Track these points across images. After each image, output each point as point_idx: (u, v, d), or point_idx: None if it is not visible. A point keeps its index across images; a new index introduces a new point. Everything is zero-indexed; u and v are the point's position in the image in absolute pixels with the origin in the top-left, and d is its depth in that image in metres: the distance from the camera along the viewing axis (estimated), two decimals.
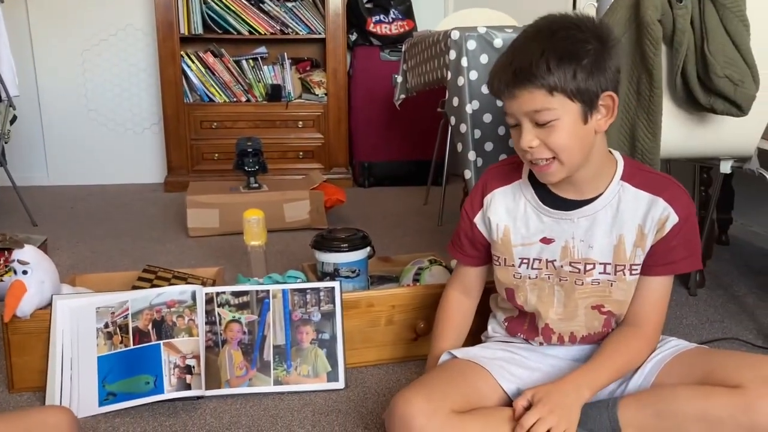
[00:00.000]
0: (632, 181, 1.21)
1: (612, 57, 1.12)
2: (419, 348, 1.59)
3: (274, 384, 1.46)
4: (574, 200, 1.22)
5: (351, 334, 1.54)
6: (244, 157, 2.91)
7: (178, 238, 2.76)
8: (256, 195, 2.85)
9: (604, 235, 1.21)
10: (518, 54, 1.11)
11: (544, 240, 1.25)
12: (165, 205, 3.41)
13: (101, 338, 1.43)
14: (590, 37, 1.10)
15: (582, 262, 1.23)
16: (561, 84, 1.08)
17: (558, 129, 1.12)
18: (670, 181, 1.21)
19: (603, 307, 1.25)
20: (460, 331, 1.39)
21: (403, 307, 1.58)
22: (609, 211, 1.21)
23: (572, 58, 1.08)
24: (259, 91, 3.80)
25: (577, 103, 1.11)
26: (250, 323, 1.49)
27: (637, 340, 1.22)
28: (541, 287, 1.27)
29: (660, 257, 1.20)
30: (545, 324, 1.28)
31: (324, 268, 1.77)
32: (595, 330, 1.27)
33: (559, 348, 1.30)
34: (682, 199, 1.19)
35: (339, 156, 3.87)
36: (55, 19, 3.77)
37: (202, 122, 3.72)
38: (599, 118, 1.14)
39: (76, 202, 3.48)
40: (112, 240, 2.74)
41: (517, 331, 1.33)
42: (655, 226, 1.19)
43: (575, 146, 1.13)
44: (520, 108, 1.13)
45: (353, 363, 1.55)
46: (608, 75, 1.11)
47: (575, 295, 1.25)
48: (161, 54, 3.62)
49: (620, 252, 1.21)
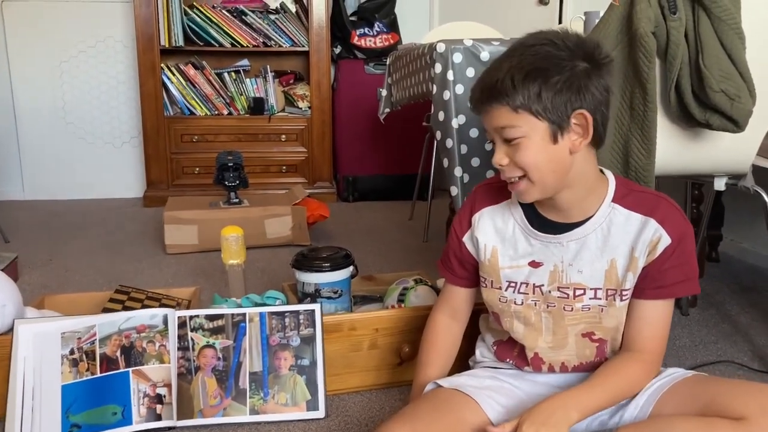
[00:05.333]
0: (624, 203, 1.15)
1: (595, 76, 1.06)
2: (404, 373, 1.52)
3: (250, 413, 1.38)
4: (563, 223, 1.17)
5: (332, 359, 1.47)
6: (224, 172, 2.84)
7: (156, 255, 2.67)
8: (237, 211, 2.77)
9: (594, 259, 1.15)
10: (490, 70, 1.09)
11: (532, 263, 1.19)
12: (143, 220, 3.32)
13: (66, 365, 1.34)
14: (568, 54, 1.05)
15: (571, 287, 1.17)
16: (524, 101, 1.04)
17: (524, 147, 1.07)
18: (662, 201, 1.15)
19: (594, 335, 1.19)
20: (447, 358, 1.32)
21: (388, 331, 1.51)
22: (599, 234, 1.15)
23: (538, 76, 1.03)
24: (241, 104, 3.73)
25: (544, 121, 1.06)
26: (225, 349, 1.41)
27: (634, 366, 1.15)
28: (527, 315, 1.21)
29: (651, 280, 1.14)
30: (534, 353, 1.22)
31: (304, 289, 1.70)
32: (587, 359, 1.21)
33: (551, 375, 1.24)
34: (676, 219, 1.13)
35: (323, 170, 3.81)
36: (33, 29, 3.69)
37: (183, 136, 3.65)
38: (574, 139, 1.08)
39: (51, 218, 3.39)
40: (87, 257, 2.65)
41: (506, 356, 1.27)
42: (646, 248, 1.13)
43: (544, 166, 1.09)
44: (490, 124, 1.10)
45: (334, 390, 1.48)
46: (586, 95, 1.05)
47: (564, 322, 1.19)
48: (141, 66, 3.54)
49: (612, 276, 1.15)
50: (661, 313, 1.17)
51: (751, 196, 1.62)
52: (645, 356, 1.16)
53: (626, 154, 1.46)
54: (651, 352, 1.16)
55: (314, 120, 3.74)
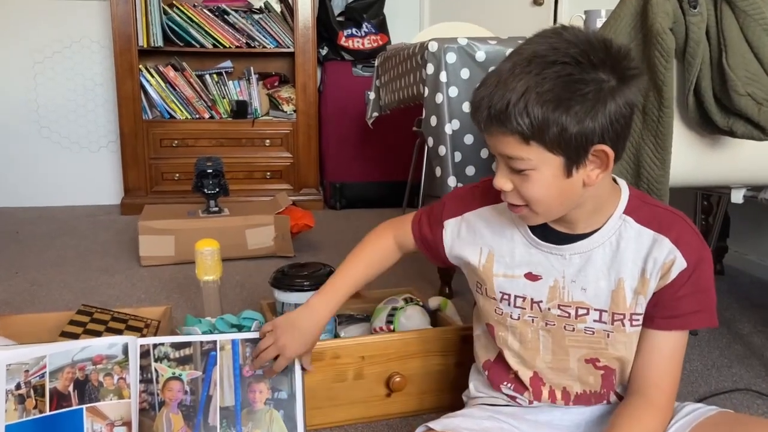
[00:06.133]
0: (636, 216, 1.01)
1: (620, 94, 0.89)
2: (393, 405, 1.38)
3: None
4: (567, 234, 1.03)
5: (314, 391, 1.32)
6: (203, 179, 2.69)
7: (130, 267, 2.51)
8: (216, 220, 2.62)
9: (600, 277, 1.02)
10: (500, 87, 0.90)
11: (529, 276, 1.06)
12: (119, 229, 3.16)
13: (11, 402, 1.18)
14: (592, 73, 0.88)
15: (573, 306, 1.04)
16: (539, 134, 0.89)
17: (533, 180, 0.93)
18: (679, 219, 1.02)
19: (598, 362, 1.06)
20: (373, 274, 1.26)
21: (375, 359, 1.36)
22: (607, 249, 1.02)
23: (558, 106, 0.87)
24: (223, 108, 3.58)
25: (559, 156, 0.91)
26: (192, 381, 1.25)
27: (648, 415, 1.01)
28: (523, 332, 1.09)
29: (664, 308, 1.01)
30: (534, 373, 1.09)
31: (284, 309, 1.56)
32: (591, 388, 1.08)
33: (553, 412, 1.11)
34: (693, 241, 1.00)
35: (309, 176, 3.66)
36: (4, 28, 3.52)
37: (162, 140, 3.49)
38: (590, 171, 0.94)
39: (22, 226, 3.22)
40: (55, 270, 2.48)
41: (501, 379, 1.13)
42: (658, 270, 0.99)
43: (552, 200, 0.96)
44: (494, 147, 0.96)
45: (316, 425, 1.33)
46: (609, 124, 0.89)
47: (565, 342, 1.06)
48: (118, 68, 3.39)
49: (619, 299, 1.02)
50: (673, 347, 1.03)
51: (757, 206, 1.49)
52: (656, 400, 1.02)
53: (638, 164, 1.32)
54: (663, 393, 1.02)
55: (300, 124, 3.59)
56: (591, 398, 1.09)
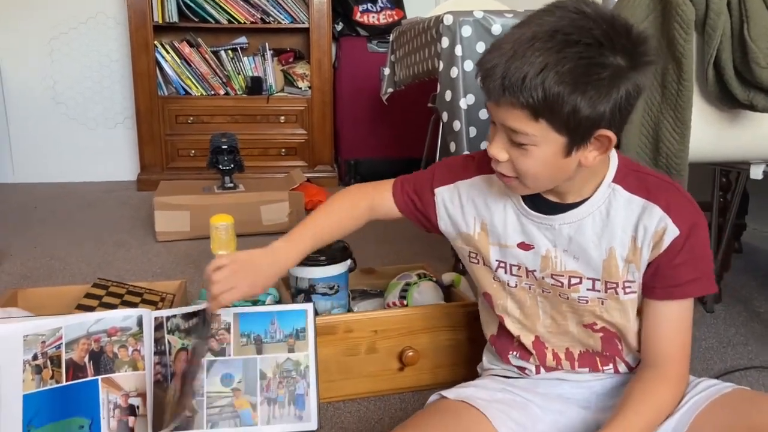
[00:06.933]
0: (625, 184, 1.00)
1: (631, 77, 0.88)
2: (406, 380, 1.38)
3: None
4: (557, 203, 1.03)
5: (326, 363, 1.33)
6: (218, 155, 2.69)
7: (146, 242, 2.53)
8: (231, 196, 2.62)
9: (591, 246, 1.01)
10: (517, 57, 0.88)
11: (522, 245, 1.06)
12: (135, 205, 3.18)
13: (28, 372, 1.20)
14: (612, 57, 0.86)
15: (565, 275, 1.04)
16: (550, 112, 0.87)
17: (531, 155, 0.92)
18: (669, 186, 1.01)
19: (595, 326, 1.06)
20: (342, 229, 1.21)
21: (387, 333, 1.37)
22: (597, 218, 1.01)
23: (576, 89, 0.85)
24: (238, 84, 3.57)
25: (564, 136, 0.90)
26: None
27: (662, 386, 1.00)
28: (522, 299, 1.10)
29: (662, 278, 1.00)
30: (535, 337, 1.10)
31: (298, 284, 1.56)
32: (593, 348, 1.08)
33: (563, 385, 1.11)
34: (684, 207, 0.99)
35: (323, 153, 3.65)
36: (20, 6, 3.53)
37: (178, 117, 3.49)
38: (588, 152, 0.93)
39: (40, 202, 3.25)
40: (73, 245, 2.51)
41: (507, 349, 1.14)
42: (650, 239, 0.98)
43: (545, 176, 0.96)
44: (498, 116, 0.94)
45: (328, 398, 1.34)
46: (617, 110, 0.88)
47: (562, 309, 1.07)
48: (133, 44, 3.38)
49: (611, 267, 1.01)
50: (678, 316, 1.02)
51: None
52: (668, 371, 1.01)
53: (657, 139, 1.30)
54: (674, 363, 1.02)
55: (314, 100, 3.58)
56: (595, 358, 1.09)
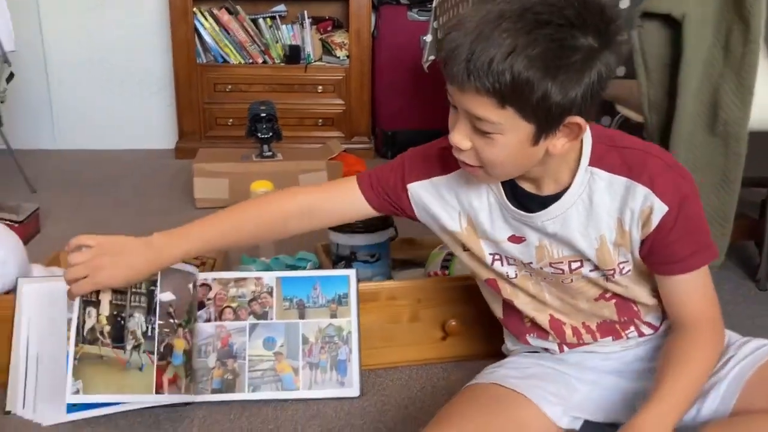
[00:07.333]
0: (603, 164, 0.93)
1: (602, 57, 0.81)
2: (449, 349, 1.36)
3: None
4: (537, 196, 0.97)
5: (368, 331, 1.31)
6: (257, 123, 2.68)
7: (185, 209, 2.54)
8: (269, 164, 2.62)
9: (579, 238, 0.96)
10: (482, 38, 0.80)
11: (513, 239, 1.01)
12: (174, 173, 3.19)
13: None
14: (583, 38, 0.80)
15: (565, 261, 0.99)
16: (517, 99, 0.81)
17: (496, 144, 0.86)
18: (650, 157, 0.93)
19: (606, 294, 1.03)
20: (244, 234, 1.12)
21: (431, 302, 1.34)
22: (580, 207, 0.95)
23: (547, 72, 0.79)
24: (276, 53, 3.54)
25: (532, 124, 0.84)
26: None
27: (695, 352, 0.95)
28: (525, 287, 1.05)
29: (659, 256, 0.96)
30: (550, 315, 1.06)
31: (339, 251, 1.55)
32: (608, 318, 1.05)
33: (594, 358, 1.08)
34: (671, 180, 0.92)
35: (361, 124, 3.62)
36: None
37: (216, 85, 3.48)
38: (556, 140, 0.87)
39: (81, 168, 3.28)
40: (114, 210, 2.53)
41: (522, 331, 1.11)
42: (637, 219, 0.93)
43: (510, 165, 0.90)
44: (460, 101, 0.87)
45: (370, 365, 1.33)
46: (586, 88, 0.82)
47: (569, 290, 1.03)
48: (173, 11, 3.37)
49: (604, 255, 0.97)
50: (692, 285, 0.97)
51: None
52: (700, 335, 0.97)
53: (715, 105, 1.25)
54: (702, 326, 0.97)
55: (353, 70, 3.53)
56: (615, 326, 1.05)
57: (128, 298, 1.11)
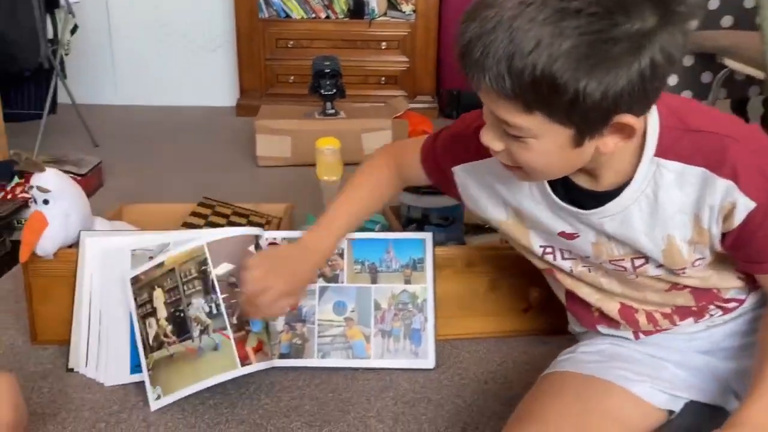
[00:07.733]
0: (674, 154, 0.79)
1: (656, 43, 0.66)
2: (531, 321, 1.27)
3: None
4: (593, 192, 0.83)
5: (444, 299, 1.22)
6: (320, 79, 2.59)
7: (246, 167, 2.49)
8: (333, 122, 2.53)
9: (642, 238, 0.84)
10: (501, 28, 0.67)
11: (563, 234, 0.89)
12: (235, 130, 3.14)
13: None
14: (627, 24, 0.65)
15: (626, 258, 0.88)
16: (544, 103, 0.68)
17: (531, 149, 0.74)
18: (732, 143, 0.78)
19: (678, 286, 0.91)
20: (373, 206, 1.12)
21: (512, 271, 1.24)
22: (643, 204, 0.82)
23: (578, 69, 0.65)
24: (339, 7, 3.43)
25: (570, 128, 0.71)
26: None
27: None
28: (585, 278, 0.95)
29: (743, 254, 0.84)
30: (620, 303, 0.95)
31: (410, 213, 1.46)
32: (685, 304, 0.94)
33: (677, 339, 0.97)
34: (755, 169, 0.77)
35: (425, 83, 3.49)
36: None
37: (278, 40, 3.40)
38: (606, 139, 0.74)
39: (142, 123, 3.27)
40: (175, 166, 2.50)
41: (591, 321, 1.00)
42: (717, 215, 0.80)
43: (554, 168, 0.78)
44: (485, 101, 0.75)
45: (446, 335, 1.24)
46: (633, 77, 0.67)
47: (635, 284, 0.93)
48: None
49: (673, 255, 0.84)
50: None
51: None
52: None
53: None
54: None
55: (418, 26, 3.40)
56: (691, 309, 0.94)
57: (181, 290, 1.09)
